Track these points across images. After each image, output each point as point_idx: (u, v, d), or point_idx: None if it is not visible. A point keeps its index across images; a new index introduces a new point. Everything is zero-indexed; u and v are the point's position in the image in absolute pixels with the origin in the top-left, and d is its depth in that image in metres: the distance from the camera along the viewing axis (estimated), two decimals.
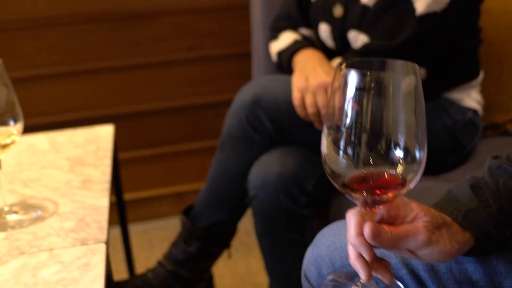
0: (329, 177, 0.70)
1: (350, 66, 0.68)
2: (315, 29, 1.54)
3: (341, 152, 0.67)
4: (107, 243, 0.97)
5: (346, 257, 0.86)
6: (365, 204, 0.71)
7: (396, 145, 0.67)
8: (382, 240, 0.70)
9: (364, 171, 0.68)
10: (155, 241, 2.29)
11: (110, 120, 2.13)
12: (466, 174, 1.34)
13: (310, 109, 1.30)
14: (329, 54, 1.48)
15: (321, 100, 1.29)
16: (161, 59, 2.24)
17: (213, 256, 1.50)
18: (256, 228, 1.38)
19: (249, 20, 2.09)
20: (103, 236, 0.99)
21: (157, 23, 2.20)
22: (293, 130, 1.36)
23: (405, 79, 0.67)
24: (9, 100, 1.03)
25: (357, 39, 1.41)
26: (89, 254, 0.94)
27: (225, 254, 1.54)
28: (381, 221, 0.73)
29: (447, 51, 1.41)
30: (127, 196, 1.88)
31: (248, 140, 1.38)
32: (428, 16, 1.31)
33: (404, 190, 0.70)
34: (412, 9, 1.32)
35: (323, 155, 0.70)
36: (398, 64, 0.71)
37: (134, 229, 2.23)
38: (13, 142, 1.03)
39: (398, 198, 0.74)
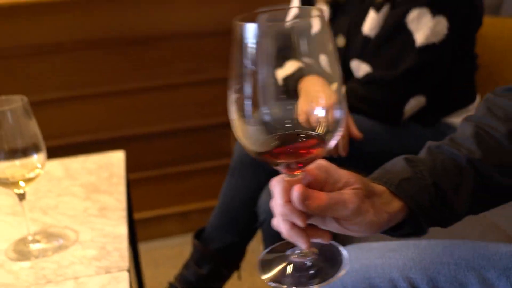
0: (243, 146, 0.66)
1: (246, 19, 0.61)
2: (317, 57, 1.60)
3: (251, 117, 0.62)
4: (130, 270, 1.03)
5: (358, 281, 0.88)
6: (289, 168, 0.66)
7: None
8: (312, 205, 0.66)
9: (280, 134, 0.64)
10: (161, 259, 2.34)
11: (117, 142, 2.19)
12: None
13: None
14: None
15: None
16: (166, 82, 2.30)
17: (224, 278, 1.55)
18: (264, 247, 1.44)
19: None
20: (125, 264, 1.04)
21: (162, 47, 2.26)
22: None
23: (312, 25, 0.62)
24: (33, 135, 1.08)
25: (359, 68, 1.47)
26: (113, 282, 0.99)
27: (234, 275, 1.60)
28: (309, 187, 0.69)
29: (445, 78, 1.48)
30: (134, 215, 1.93)
31: (257, 166, 1.44)
32: (427, 48, 1.38)
33: (326, 148, 0.66)
34: (412, 40, 1.39)
35: (232, 122, 0.64)
36: (301, 11, 0.66)
37: (141, 248, 2.28)
38: (37, 176, 1.09)
39: (324, 161, 0.71)
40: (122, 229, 1.17)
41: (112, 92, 2.26)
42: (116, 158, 1.56)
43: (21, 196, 1.10)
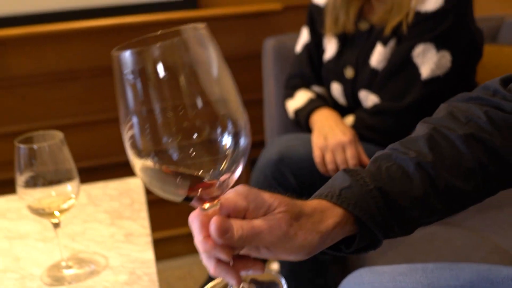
0: (144, 184, 0.62)
1: (125, 47, 0.57)
2: (327, 87, 1.69)
3: (147, 153, 0.58)
4: None
5: None
6: (202, 199, 0.63)
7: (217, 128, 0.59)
8: (233, 237, 0.62)
9: (181, 168, 0.59)
10: (172, 279, 2.41)
11: (128, 166, 2.27)
12: (471, 216, 1.48)
13: (330, 166, 1.44)
14: (341, 110, 1.63)
15: (339, 158, 1.43)
16: None
17: None
18: (281, 272, 1.51)
19: (260, 69, 2.23)
20: None
21: None
22: (314, 184, 1.50)
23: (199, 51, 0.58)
24: (67, 167, 1.16)
25: (368, 98, 1.55)
26: None
27: None
28: (230, 216, 0.64)
29: None
30: None
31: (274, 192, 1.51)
32: (432, 80, 1.46)
33: (237, 173, 0.63)
34: (417, 74, 1.47)
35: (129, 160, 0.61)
36: (186, 31, 0.60)
37: None
38: (71, 206, 1.16)
39: (242, 187, 0.66)
40: (149, 254, 1.25)
41: None
42: (135, 185, 1.63)
43: (56, 225, 1.17)
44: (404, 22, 1.49)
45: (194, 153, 0.58)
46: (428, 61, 1.46)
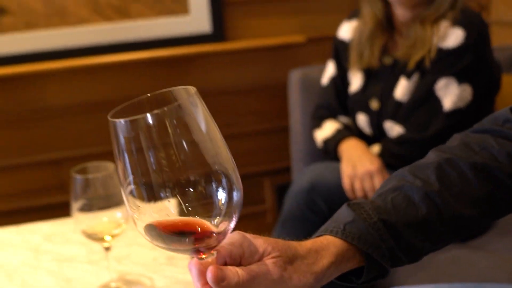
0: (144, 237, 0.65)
1: (117, 115, 0.61)
2: (353, 117, 1.78)
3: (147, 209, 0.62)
4: None
5: None
6: (198, 251, 0.66)
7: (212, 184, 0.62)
8: (230, 284, 0.64)
9: (180, 222, 0.62)
10: None
11: None
12: (494, 240, 1.55)
13: (359, 194, 1.52)
14: (366, 140, 1.72)
15: (368, 186, 1.52)
16: None
17: None
18: None
19: (284, 98, 2.33)
20: None
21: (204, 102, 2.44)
22: None
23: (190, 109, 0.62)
24: (118, 195, 1.25)
25: (393, 128, 1.64)
26: None
27: None
28: (225, 264, 0.67)
29: None
30: None
31: (305, 219, 1.60)
32: (454, 112, 1.55)
33: (231, 226, 0.65)
34: (440, 106, 1.56)
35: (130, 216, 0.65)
36: (179, 93, 0.63)
37: None
38: (122, 231, 1.26)
39: (237, 235, 0.69)
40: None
41: None
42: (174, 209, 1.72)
43: (107, 249, 1.27)
44: (427, 58, 1.59)
45: (190, 208, 0.61)
46: (450, 94, 1.55)
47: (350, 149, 1.63)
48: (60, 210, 2.09)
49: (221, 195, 0.62)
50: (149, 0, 2.32)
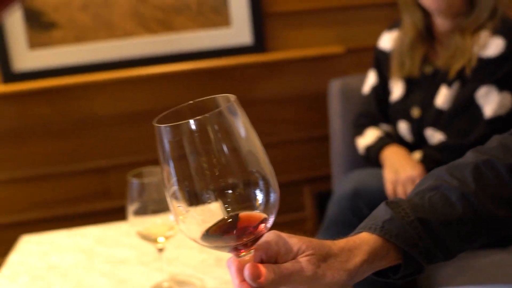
0: (185, 233, 0.69)
1: (161, 121, 0.65)
2: (394, 125, 1.82)
3: (189, 207, 0.66)
4: None
5: None
6: (237, 249, 0.69)
7: (252, 185, 0.65)
8: (266, 280, 0.67)
9: (219, 219, 0.66)
10: None
11: None
12: None
13: None
14: (407, 147, 1.76)
15: (410, 191, 1.55)
16: None
17: None
18: None
19: (323, 107, 2.37)
20: None
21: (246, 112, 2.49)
22: None
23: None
24: None
25: (434, 136, 1.68)
26: None
27: None
28: (262, 262, 0.70)
29: None
30: None
31: (349, 224, 1.64)
32: (495, 119, 1.59)
33: (268, 225, 0.68)
34: (481, 113, 1.60)
35: (173, 212, 0.68)
36: (219, 101, 0.67)
37: None
38: (175, 233, 1.31)
39: (273, 234, 0.72)
40: None
41: None
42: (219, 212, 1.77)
43: (160, 250, 1.33)
44: (467, 67, 1.63)
45: (230, 209, 0.65)
46: (491, 101, 1.59)
47: (392, 155, 1.67)
48: (106, 217, 2.16)
49: (259, 197, 0.65)
50: (192, 13, 2.40)
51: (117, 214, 2.08)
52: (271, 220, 0.67)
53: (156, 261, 1.48)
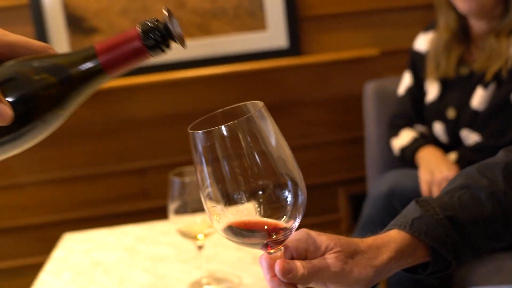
0: (217, 229, 0.73)
1: (195, 127, 0.69)
2: (429, 126, 1.83)
3: (223, 207, 0.69)
4: None
5: None
6: (267, 246, 0.72)
7: (282, 186, 0.69)
8: (296, 276, 0.70)
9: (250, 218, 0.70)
10: None
11: None
12: None
13: None
14: (442, 148, 1.77)
15: None
16: None
17: None
18: None
19: (358, 109, 2.38)
20: None
21: (276, 115, 2.52)
22: None
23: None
24: None
25: (469, 137, 1.69)
26: None
27: None
28: (292, 259, 0.73)
29: None
30: None
31: (383, 224, 1.65)
32: None
33: (295, 225, 0.72)
34: None
35: (207, 211, 0.72)
36: (248, 108, 0.71)
37: None
38: (214, 231, 1.35)
39: (303, 232, 0.75)
40: None
41: None
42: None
43: (200, 247, 1.37)
44: (504, 68, 1.63)
45: (260, 209, 0.68)
46: None
47: (428, 156, 1.68)
48: (144, 216, 2.21)
49: (288, 198, 0.69)
50: (229, 17, 2.44)
51: (156, 214, 2.13)
52: (298, 219, 0.71)
53: (195, 258, 1.52)
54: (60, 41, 2.39)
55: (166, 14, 0.63)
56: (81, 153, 2.48)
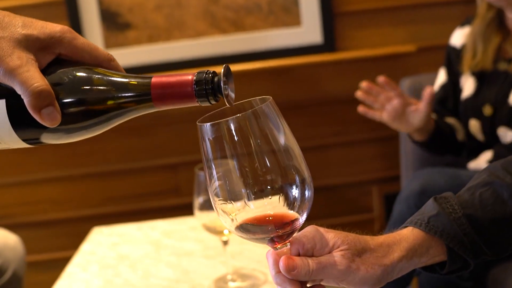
0: (225, 224, 0.72)
1: (206, 119, 0.69)
2: (464, 123, 1.78)
3: (231, 199, 0.69)
4: None
5: None
6: (273, 241, 0.72)
7: (289, 183, 0.69)
8: (300, 273, 0.70)
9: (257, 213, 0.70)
10: None
11: None
12: None
13: None
14: (478, 146, 1.71)
15: None
16: (313, 143, 2.52)
17: None
18: None
19: None
20: None
21: (310, 112, 2.50)
22: None
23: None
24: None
25: (507, 134, 1.63)
26: None
27: None
28: (299, 255, 0.72)
29: None
30: None
31: None
32: None
33: (301, 220, 0.71)
34: None
35: (214, 205, 0.72)
36: (256, 103, 0.71)
37: None
38: None
39: (310, 229, 0.74)
40: None
41: None
42: None
43: (225, 243, 1.35)
44: None
45: (267, 204, 0.69)
46: None
47: None
48: (175, 212, 2.20)
49: (295, 192, 0.69)
50: (263, 13, 2.42)
51: (186, 210, 2.11)
52: (304, 216, 0.71)
53: (221, 255, 1.50)
54: (94, 36, 2.40)
55: (223, 71, 0.67)
56: (113, 149, 2.49)
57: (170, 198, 2.54)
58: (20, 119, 0.66)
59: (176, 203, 2.52)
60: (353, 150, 2.55)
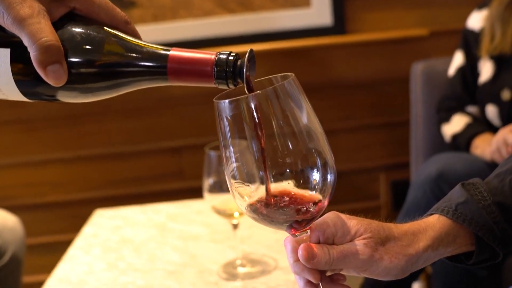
0: (239, 207, 0.68)
1: (222, 97, 0.66)
2: (481, 109, 1.72)
3: (249, 180, 0.66)
4: None
5: None
6: (292, 227, 0.68)
7: (311, 166, 0.65)
8: (320, 262, 0.67)
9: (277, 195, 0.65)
10: None
11: None
12: None
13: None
14: (495, 132, 1.66)
15: None
16: (325, 127, 2.46)
17: None
18: (435, 286, 1.55)
19: (404, 91, 2.28)
20: None
21: (317, 96, 2.44)
22: None
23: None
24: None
25: None
26: None
27: None
28: (319, 242, 0.69)
29: None
30: None
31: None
32: None
33: (323, 205, 0.68)
34: None
35: (230, 186, 0.68)
36: (277, 80, 0.67)
37: None
38: None
39: (332, 215, 0.70)
40: None
41: None
42: None
43: (235, 226, 1.29)
44: None
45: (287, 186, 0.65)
46: None
47: (486, 144, 1.58)
48: (179, 196, 2.16)
49: (316, 176, 0.65)
50: None
51: (190, 193, 2.07)
52: (326, 201, 0.67)
53: (229, 239, 1.46)
54: None
55: (248, 56, 0.63)
56: (116, 131, 2.44)
57: (174, 181, 2.49)
58: (23, 72, 0.63)
59: (180, 187, 2.47)
60: (361, 136, 2.50)
